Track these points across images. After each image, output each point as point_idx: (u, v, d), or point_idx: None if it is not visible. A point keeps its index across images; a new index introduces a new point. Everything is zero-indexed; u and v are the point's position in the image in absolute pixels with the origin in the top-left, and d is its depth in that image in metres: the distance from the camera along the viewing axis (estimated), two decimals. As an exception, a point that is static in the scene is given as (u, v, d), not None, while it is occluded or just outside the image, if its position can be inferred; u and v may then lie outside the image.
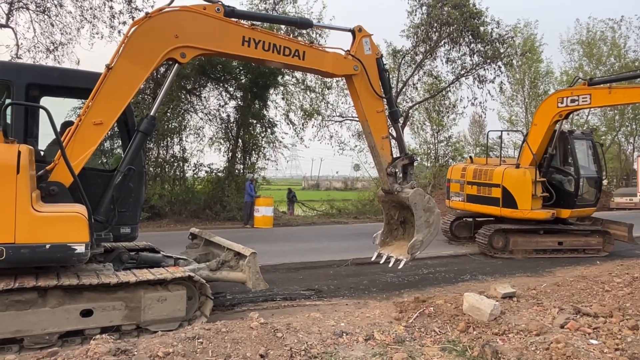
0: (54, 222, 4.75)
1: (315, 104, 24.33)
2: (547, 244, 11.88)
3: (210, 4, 5.85)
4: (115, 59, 5.35)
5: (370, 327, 5.38)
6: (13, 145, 4.65)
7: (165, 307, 5.28)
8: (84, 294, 4.95)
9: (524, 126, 35.73)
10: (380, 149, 7.19)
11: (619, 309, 5.90)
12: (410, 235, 7.36)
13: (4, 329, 4.52)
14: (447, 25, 22.10)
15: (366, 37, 7.07)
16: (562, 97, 11.77)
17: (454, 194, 13.31)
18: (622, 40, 33.19)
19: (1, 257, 4.49)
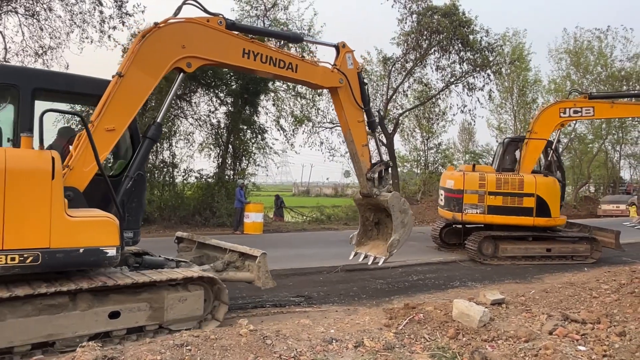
0: (87, 226, 4.88)
1: (305, 110, 24.38)
2: (536, 251, 11.89)
3: (213, 17, 6.12)
4: (126, 67, 5.44)
5: (360, 333, 5.37)
6: (46, 152, 4.72)
7: (185, 307, 5.48)
8: (111, 296, 5.04)
9: (513, 133, 36.09)
10: (360, 156, 7.69)
11: (607, 316, 5.94)
12: (383, 235, 8.03)
13: (37, 333, 4.56)
14: (437, 34, 22.32)
15: (349, 52, 7.59)
16: (564, 108, 12.21)
17: (469, 206, 11.91)
18: (608, 49, 33.73)
19: (37, 262, 4.54)
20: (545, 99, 35.87)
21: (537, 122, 12.54)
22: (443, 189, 12.86)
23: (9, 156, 4.49)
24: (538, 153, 12.38)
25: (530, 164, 12.28)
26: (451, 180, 12.39)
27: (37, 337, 4.56)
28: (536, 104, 35.28)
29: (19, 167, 4.49)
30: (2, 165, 4.38)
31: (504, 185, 11.89)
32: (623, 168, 43.25)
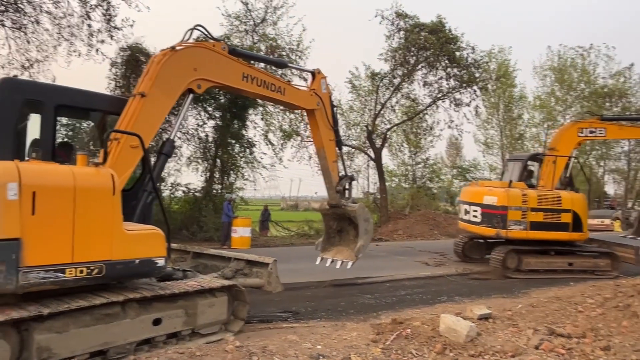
0: (140, 239, 5.24)
1: (294, 124, 24.43)
2: (558, 265, 12.14)
3: (218, 42, 6.69)
4: (148, 88, 5.80)
5: (347, 349, 5.35)
6: (105, 169, 5.08)
7: (213, 312, 6.00)
8: (154, 304, 5.39)
9: (499, 149, 36.52)
10: (331, 171, 8.48)
11: (592, 330, 5.98)
12: (345, 242, 8.84)
13: (95, 342, 4.82)
14: (424, 50, 22.60)
15: (323, 78, 8.42)
16: (582, 128, 13.14)
17: (513, 222, 11.90)
18: (591, 67, 34.42)
19: (102, 274, 4.83)
20: (530, 114, 36.48)
21: (559, 141, 13.23)
22: (479, 205, 12.74)
23: (76, 174, 4.75)
24: (561, 169, 12.86)
25: (555, 180, 12.72)
26: (493, 196, 12.37)
27: (94, 345, 4.82)
28: (522, 119, 35.81)
29: (85, 185, 4.77)
30: (72, 183, 4.66)
31: (544, 202, 12.10)
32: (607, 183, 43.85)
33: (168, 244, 5.51)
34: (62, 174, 4.71)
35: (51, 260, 4.50)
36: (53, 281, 4.50)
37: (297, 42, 22.78)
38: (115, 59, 19.45)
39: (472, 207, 12.97)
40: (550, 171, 12.81)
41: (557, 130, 14.17)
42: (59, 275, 4.53)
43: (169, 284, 5.75)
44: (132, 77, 19.73)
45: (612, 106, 34.15)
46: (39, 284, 4.42)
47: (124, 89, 19.50)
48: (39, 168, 4.68)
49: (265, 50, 21.92)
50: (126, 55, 19.34)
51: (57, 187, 4.60)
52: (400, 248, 17.60)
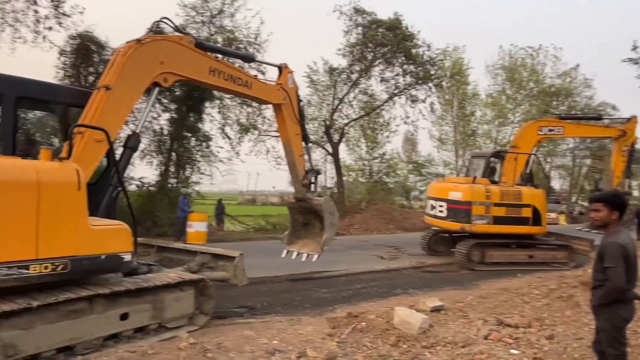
0: (106, 234, 5.22)
1: (252, 118, 24.18)
2: (520, 257, 12.67)
3: (185, 36, 6.69)
4: (113, 81, 5.68)
5: (303, 344, 5.37)
6: (70, 164, 4.96)
7: (180, 306, 6.02)
8: (121, 299, 5.35)
9: (453, 144, 37.46)
10: (297, 165, 8.52)
11: (537, 320, 6.27)
12: (311, 235, 8.90)
13: (61, 337, 4.80)
14: (381, 46, 22.85)
15: (290, 73, 8.43)
16: (541, 126, 13.78)
17: (477, 217, 12.35)
18: (540, 67, 35.79)
19: (67, 270, 4.76)
20: (482, 112, 37.53)
21: (520, 139, 13.76)
22: (445, 200, 13.06)
23: (39, 169, 4.66)
24: (522, 166, 13.46)
25: (516, 176, 13.35)
26: (458, 192, 12.74)
27: (61, 341, 4.80)
28: (474, 116, 36.79)
29: (49, 180, 4.67)
30: (35, 178, 4.55)
31: (506, 197, 12.59)
32: (553, 179, 45.80)
33: (135, 238, 5.49)
34: (24, 169, 4.62)
35: (14, 256, 4.42)
36: (16, 278, 4.44)
37: (255, 35, 22.53)
38: (64, 47, 18.66)
39: (439, 203, 13.34)
40: (512, 168, 13.43)
41: (519, 129, 14.76)
42: (23, 271, 4.47)
43: (135, 279, 5.72)
44: (82, 66, 18.99)
45: (559, 105, 35.67)
46: (2, 281, 4.36)
47: (73, 78, 18.75)
48: (1, 163, 4.59)
49: (222, 42, 21.55)
50: (76, 43, 18.58)
51: (19, 182, 4.51)
52: (357, 242, 17.78)
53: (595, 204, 3.93)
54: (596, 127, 15.23)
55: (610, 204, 3.86)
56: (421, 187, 42.39)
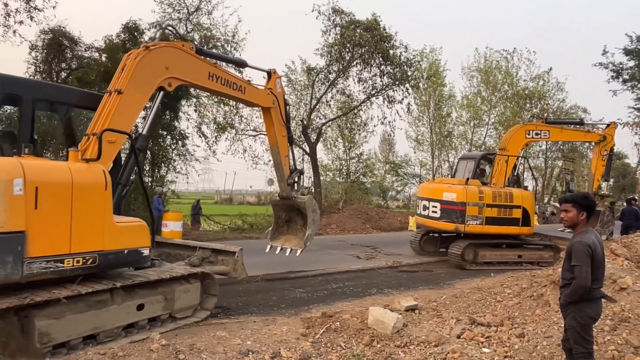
0: (128, 231, 5.70)
1: (229, 117, 23.99)
2: (509, 257, 13.02)
3: (186, 42, 7.10)
4: (125, 85, 6.01)
5: (277, 344, 5.35)
6: (97, 165, 5.40)
7: (188, 297, 6.54)
8: (137, 291, 5.82)
9: (429, 145, 37.84)
10: (283, 165, 8.99)
11: (509, 318, 6.36)
12: (293, 231, 9.46)
13: (87, 326, 5.22)
14: (359, 47, 22.90)
15: (278, 78, 8.96)
16: (529, 130, 14.22)
17: (471, 217, 12.57)
18: (514, 70, 36.39)
19: (95, 263, 5.24)
20: (458, 113, 37.99)
21: (509, 141, 14.06)
22: (438, 201, 13.17)
23: (72, 170, 5.08)
24: (510, 168, 13.80)
25: (505, 178, 13.70)
26: (452, 193, 12.89)
27: (87, 330, 5.24)
28: (450, 117, 37.22)
29: (81, 180, 5.11)
30: (69, 178, 4.99)
31: (498, 198, 12.87)
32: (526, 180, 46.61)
33: (152, 235, 6.03)
34: (60, 170, 5.04)
35: (51, 251, 4.85)
36: (53, 271, 4.87)
37: (233, 34, 22.36)
38: (36, 42, 18.22)
39: (432, 203, 13.44)
40: (502, 170, 13.74)
41: (507, 132, 15.24)
42: (59, 265, 4.90)
43: (148, 272, 6.13)
44: (54, 61, 18.57)
45: (532, 107, 36.34)
46: (41, 274, 4.76)
47: (45, 74, 18.32)
48: (40, 164, 4.99)
49: (199, 40, 21.33)
50: (48, 38, 18.16)
51: (56, 182, 4.91)
52: (333, 242, 17.82)
53: (564, 204, 4.02)
54: (579, 132, 15.82)
55: (578, 204, 3.95)
56: (398, 187, 42.81)
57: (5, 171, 4.55)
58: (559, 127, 14.96)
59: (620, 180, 47.40)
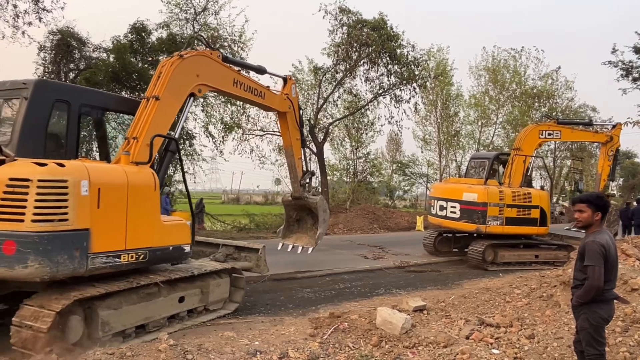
0: (173, 229, 6.21)
1: (236, 117, 24.02)
2: (527, 257, 13.07)
3: (214, 51, 7.48)
4: (162, 92, 6.35)
5: (285, 344, 5.33)
6: (146, 168, 5.87)
7: (220, 291, 7.07)
8: (179, 285, 6.33)
9: (437, 145, 37.69)
10: (297, 167, 9.30)
11: (518, 319, 6.30)
12: (303, 229, 9.77)
13: (140, 316, 5.72)
14: (366, 46, 22.85)
15: (294, 84, 9.30)
16: (542, 130, 14.29)
17: (492, 218, 12.58)
18: (522, 68, 36.13)
19: (146, 259, 5.72)
20: (466, 112, 37.79)
21: (523, 141, 14.04)
22: (458, 201, 13.11)
23: (127, 172, 5.55)
24: (525, 168, 13.82)
25: (520, 178, 13.67)
26: (473, 193, 12.85)
27: (139, 320, 5.72)
28: (458, 117, 37.04)
29: (134, 182, 5.57)
30: (125, 180, 5.46)
31: (517, 199, 12.88)
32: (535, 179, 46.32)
33: (193, 233, 6.49)
34: (117, 173, 5.51)
35: (111, 247, 5.30)
36: (112, 265, 5.32)
37: (240, 34, 22.39)
38: (44, 42, 18.34)
39: (450, 204, 13.36)
40: (518, 170, 13.68)
41: (521, 132, 15.24)
42: (116, 260, 5.35)
43: (185, 267, 6.61)
44: (63, 62, 18.69)
45: (541, 106, 36.08)
46: (102, 268, 5.21)
47: (53, 75, 18.44)
48: (100, 167, 5.53)
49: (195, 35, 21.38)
50: (56, 39, 18.27)
51: (115, 184, 5.38)
52: (340, 242, 17.79)
53: (579, 204, 3.96)
54: (588, 133, 15.90)
55: (593, 205, 3.89)
56: (405, 187, 42.69)
57: (75, 173, 4.99)
58: (569, 127, 15.04)
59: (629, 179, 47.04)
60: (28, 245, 4.66)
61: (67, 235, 4.86)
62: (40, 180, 4.75)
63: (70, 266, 4.87)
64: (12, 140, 5.38)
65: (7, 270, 4.69)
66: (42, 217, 4.73)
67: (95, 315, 5.18)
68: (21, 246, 4.66)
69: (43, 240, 4.70)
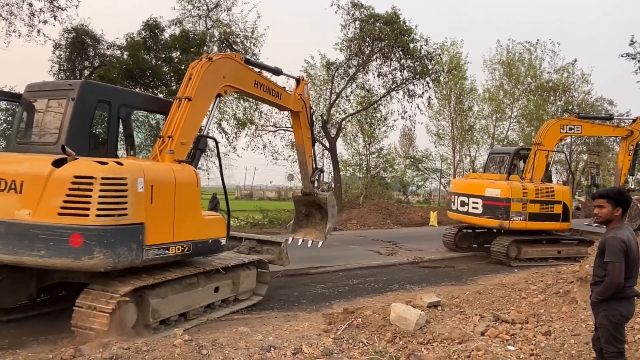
0: (211, 223, 6.67)
1: (248, 113, 24.06)
2: (550, 253, 13.01)
3: (238, 54, 8.00)
4: (194, 93, 6.66)
5: (299, 340, 5.33)
6: (189, 165, 6.32)
7: (248, 282, 7.48)
8: (214, 276, 6.71)
9: (450, 139, 37.41)
10: (308, 164, 9.59)
11: (534, 315, 6.23)
12: (312, 224, 10.06)
13: (182, 305, 6.17)
14: (378, 41, 22.71)
15: (306, 84, 9.65)
16: (563, 124, 14.24)
17: (515, 213, 12.47)
18: (537, 62, 35.64)
19: (189, 251, 6.14)
20: (480, 107, 37.43)
21: (544, 136, 13.95)
22: (480, 197, 13.03)
23: (174, 170, 5.98)
24: (546, 162, 13.75)
25: (542, 173, 13.58)
26: (496, 189, 12.74)
27: (182, 308, 6.16)
28: (472, 111, 36.70)
29: (180, 179, 6.01)
30: (173, 177, 5.91)
31: (540, 194, 12.78)
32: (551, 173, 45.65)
33: (228, 227, 6.92)
34: (166, 170, 5.92)
35: (161, 240, 5.71)
36: (162, 257, 5.74)
37: (252, 29, 22.40)
38: (59, 40, 18.51)
39: (472, 199, 13.29)
40: (540, 165, 13.55)
41: (542, 126, 15.10)
42: (165, 252, 5.77)
43: (219, 259, 7.08)
44: (78, 60, 18.85)
45: (556, 100, 35.59)
46: (154, 259, 5.62)
47: (68, 72, 18.61)
48: (152, 165, 5.90)
49: (218, 36, 21.43)
50: (71, 37, 18.43)
51: (165, 181, 5.80)
52: (354, 237, 17.75)
53: (599, 200, 3.88)
54: (609, 127, 15.73)
55: (614, 200, 3.81)
56: (418, 182, 42.46)
57: (132, 171, 5.39)
58: (590, 121, 14.88)
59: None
60: (94, 238, 5.04)
61: (126, 228, 5.27)
62: (103, 178, 5.13)
63: (129, 257, 5.28)
64: (59, 138, 5.65)
65: (74, 261, 5.05)
66: (105, 212, 5.12)
67: (146, 303, 5.61)
68: (87, 239, 5.02)
69: (107, 233, 5.10)
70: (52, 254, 5.06)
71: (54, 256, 5.06)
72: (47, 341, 5.54)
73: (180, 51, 18.77)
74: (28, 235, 5.12)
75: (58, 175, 5.17)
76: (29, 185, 5.23)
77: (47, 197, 5.15)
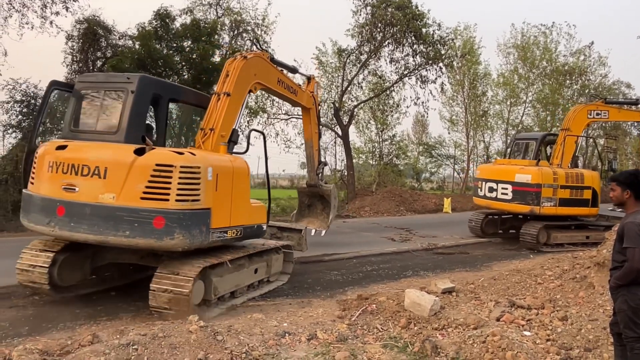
0: (256, 210, 7.19)
1: (260, 101, 24.05)
2: (578, 238, 13.05)
3: (265, 52, 8.41)
4: (232, 88, 7.05)
5: (314, 326, 5.35)
6: (239, 157, 6.86)
7: (277, 264, 8.03)
8: (254, 258, 7.27)
9: (464, 125, 37.03)
10: (314, 158, 10.12)
11: (550, 301, 6.17)
12: (314, 214, 10.70)
13: (234, 283, 6.74)
14: (390, 26, 22.43)
15: (317, 82, 10.19)
16: (590, 110, 14.20)
17: (546, 199, 12.51)
18: (553, 45, 34.96)
19: (241, 235, 6.69)
20: (494, 92, 36.92)
21: (572, 121, 13.89)
22: (510, 183, 13.04)
23: (231, 160, 6.54)
24: (574, 147, 13.80)
25: (570, 158, 13.62)
26: (526, 175, 12.75)
27: (233, 286, 6.73)
28: (486, 96, 36.22)
29: (236, 168, 6.55)
30: (232, 167, 6.46)
31: (570, 179, 12.80)
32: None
33: (268, 214, 7.47)
34: (225, 161, 6.46)
35: (222, 224, 6.23)
36: (222, 239, 6.30)
37: (263, 17, 22.29)
38: (72, 32, 18.59)
39: (501, 185, 13.29)
40: (568, 150, 13.54)
41: (569, 112, 14.96)
42: (224, 235, 6.30)
43: (258, 243, 7.62)
44: (90, 50, 18.93)
45: (573, 84, 34.94)
46: (216, 242, 6.17)
47: (81, 63, 18.71)
48: (215, 156, 6.40)
49: (229, 24, 21.36)
50: (83, 28, 18.50)
51: (226, 170, 6.33)
52: (367, 224, 17.74)
53: (612, 183, 3.91)
54: (635, 112, 15.56)
55: (622, 183, 3.77)
56: (432, 169, 42.19)
57: (204, 161, 5.90)
58: (617, 107, 14.72)
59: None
60: (175, 221, 5.57)
61: (199, 213, 5.81)
62: (182, 167, 5.65)
63: (199, 239, 5.83)
64: (119, 128, 6.06)
65: (157, 241, 5.57)
66: (182, 197, 5.64)
67: (208, 281, 6.14)
68: (169, 221, 5.54)
69: (186, 216, 5.65)
70: (137, 234, 5.54)
71: (138, 236, 5.54)
72: (66, 328, 5.66)
73: (192, 40, 18.74)
74: (113, 217, 5.58)
75: (141, 162, 5.65)
76: (113, 171, 5.67)
77: (130, 183, 5.62)
